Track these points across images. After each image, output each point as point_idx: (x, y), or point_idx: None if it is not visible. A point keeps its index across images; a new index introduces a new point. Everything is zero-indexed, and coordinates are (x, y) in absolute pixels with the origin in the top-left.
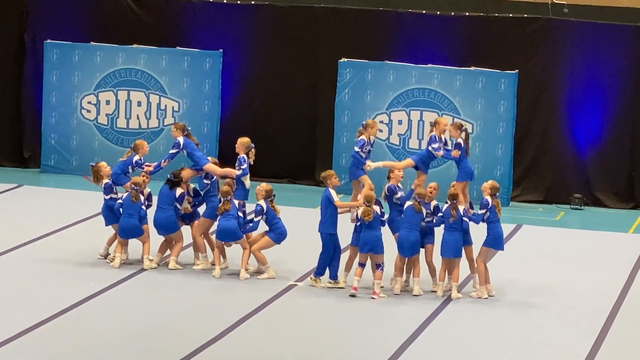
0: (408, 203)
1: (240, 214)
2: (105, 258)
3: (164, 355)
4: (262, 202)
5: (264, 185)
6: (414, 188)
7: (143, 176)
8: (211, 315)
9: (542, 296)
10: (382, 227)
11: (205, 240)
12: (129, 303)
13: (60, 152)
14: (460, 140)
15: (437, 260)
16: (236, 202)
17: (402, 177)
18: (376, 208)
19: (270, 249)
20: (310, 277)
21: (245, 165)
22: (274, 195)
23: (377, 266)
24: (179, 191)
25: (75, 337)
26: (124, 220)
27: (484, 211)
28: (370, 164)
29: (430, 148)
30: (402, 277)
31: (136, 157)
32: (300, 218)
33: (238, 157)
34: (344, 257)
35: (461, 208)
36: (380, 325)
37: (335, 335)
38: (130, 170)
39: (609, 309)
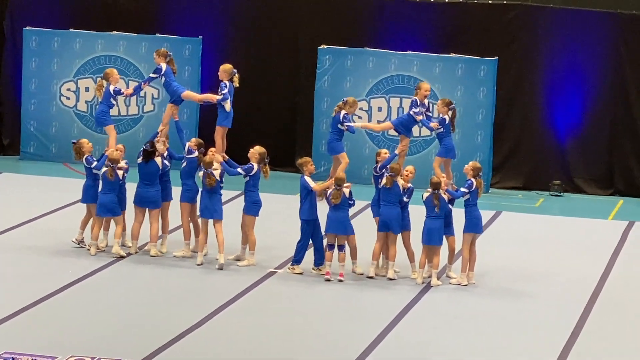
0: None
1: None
2: (79, 244)
3: (142, 343)
4: (255, 165)
5: (257, 148)
6: (397, 153)
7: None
8: (189, 303)
9: (521, 283)
10: (349, 209)
11: (191, 225)
12: (107, 291)
13: (39, 139)
14: (446, 117)
15: (417, 246)
16: (219, 157)
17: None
18: (346, 190)
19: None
20: (288, 267)
21: (225, 90)
22: (268, 158)
23: (340, 248)
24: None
25: (54, 325)
26: (101, 196)
27: (466, 191)
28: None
29: (411, 112)
30: (378, 261)
31: (112, 87)
32: (281, 205)
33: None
34: None
35: (442, 192)
36: (360, 313)
37: (315, 323)
38: (112, 102)
39: (588, 296)
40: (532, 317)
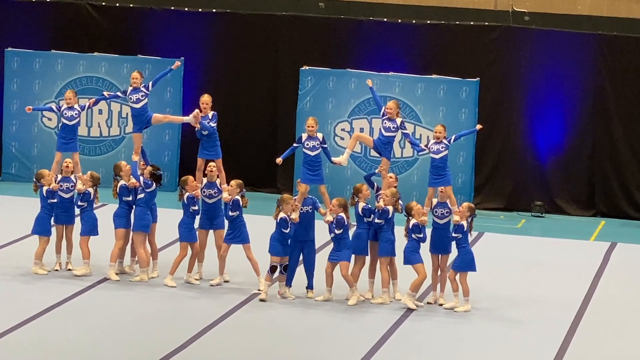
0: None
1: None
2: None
3: None
4: (238, 197)
5: (235, 182)
6: (377, 172)
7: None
8: (172, 325)
9: (503, 304)
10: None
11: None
12: (90, 313)
13: (21, 160)
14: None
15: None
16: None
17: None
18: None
19: (232, 257)
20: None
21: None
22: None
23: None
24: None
25: (36, 347)
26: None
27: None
28: (339, 160)
29: (381, 128)
30: (354, 287)
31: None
32: (262, 226)
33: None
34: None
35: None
36: (344, 334)
37: (298, 345)
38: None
39: (571, 318)
40: (515, 339)
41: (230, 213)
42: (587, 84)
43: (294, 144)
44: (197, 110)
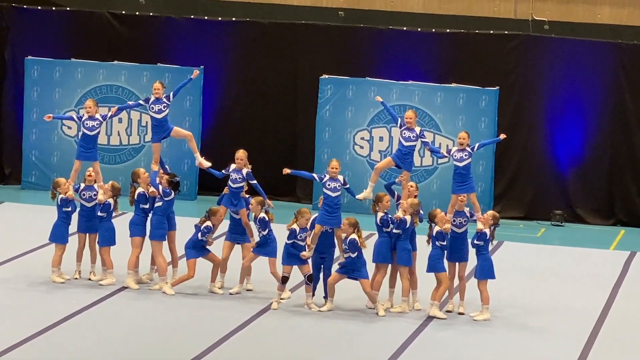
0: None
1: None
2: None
3: None
4: (263, 214)
5: (255, 199)
6: (397, 181)
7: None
8: (193, 333)
9: (523, 313)
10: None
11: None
12: (109, 321)
13: (41, 168)
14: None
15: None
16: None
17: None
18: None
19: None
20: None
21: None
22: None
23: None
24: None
25: (55, 356)
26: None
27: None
28: (363, 195)
29: (400, 138)
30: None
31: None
32: (282, 235)
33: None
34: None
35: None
36: (364, 342)
37: (318, 355)
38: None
39: (590, 327)
40: (534, 348)
41: (262, 232)
42: (607, 92)
43: (315, 176)
44: (207, 164)
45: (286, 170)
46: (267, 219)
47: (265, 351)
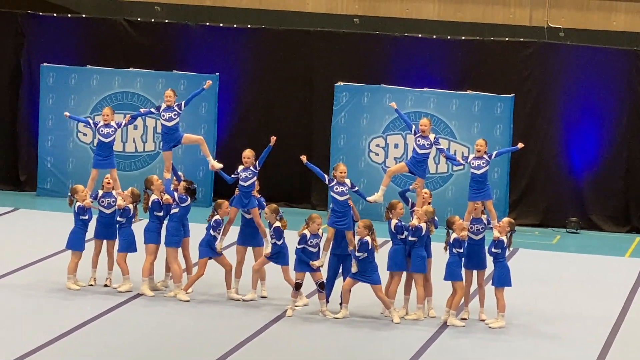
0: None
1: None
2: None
3: None
4: (278, 223)
5: (269, 207)
6: (411, 188)
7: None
8: (207, 340)
9: (538, 321)
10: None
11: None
12: (124, 328)
13: (56, 175)
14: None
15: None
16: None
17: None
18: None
19: (267, 274)
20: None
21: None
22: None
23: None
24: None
25: None
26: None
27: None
28: (374, 198)
29: (414, 146)
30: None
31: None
32: (295, 242)
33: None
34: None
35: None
36: (379, 349)
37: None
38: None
39: (606, 335)
40: (551, 356)
41: (277, 242)
42: (622, 99)
43: (326, 177)
44: (219, 165)
45: (304, 158)
46: (281, 228)
47: (280, 359)
